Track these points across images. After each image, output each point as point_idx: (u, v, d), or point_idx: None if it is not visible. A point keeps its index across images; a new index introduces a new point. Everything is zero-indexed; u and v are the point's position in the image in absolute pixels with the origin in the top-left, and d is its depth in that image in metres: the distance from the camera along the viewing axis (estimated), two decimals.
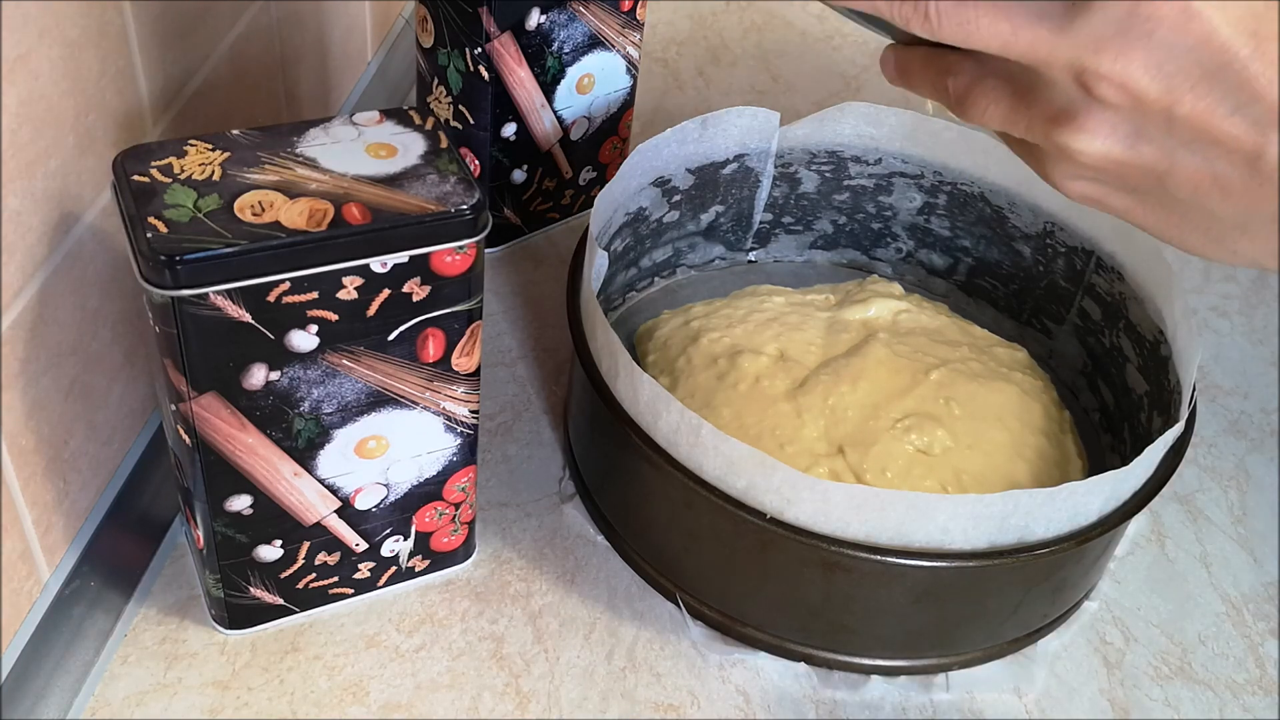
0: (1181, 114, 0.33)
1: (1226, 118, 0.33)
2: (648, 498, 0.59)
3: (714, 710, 0.57)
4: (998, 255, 0.75)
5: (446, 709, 0.56)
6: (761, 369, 0.64)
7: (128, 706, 0.54)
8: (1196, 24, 0.32)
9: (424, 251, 0.47)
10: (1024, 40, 0.34)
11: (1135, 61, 0.33)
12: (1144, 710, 0.59)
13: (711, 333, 0.67)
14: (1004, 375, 0.66)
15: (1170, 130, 0.34)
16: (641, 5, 0.76)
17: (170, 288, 0.43)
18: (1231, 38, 0.32)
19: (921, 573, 0.54)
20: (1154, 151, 0.35)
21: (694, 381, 0.64)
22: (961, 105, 0.38)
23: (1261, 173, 0.34)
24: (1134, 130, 0.34)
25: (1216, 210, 0.35)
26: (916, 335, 0.68)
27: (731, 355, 0.65)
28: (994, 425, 0.63)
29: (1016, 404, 0.65)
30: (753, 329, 0.67)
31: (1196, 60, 0.32)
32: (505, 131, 0.75)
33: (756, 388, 0.63)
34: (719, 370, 0.65)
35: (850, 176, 0.76)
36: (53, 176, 0.49)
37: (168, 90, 0.59)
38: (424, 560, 0.59)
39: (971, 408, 0.63)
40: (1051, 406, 0.67)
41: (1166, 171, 0.35)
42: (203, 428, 0.48)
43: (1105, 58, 0.33)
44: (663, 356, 0.68)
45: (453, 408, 0.53)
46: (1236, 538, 0.68)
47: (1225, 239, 0.36)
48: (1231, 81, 0.32)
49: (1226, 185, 0.34)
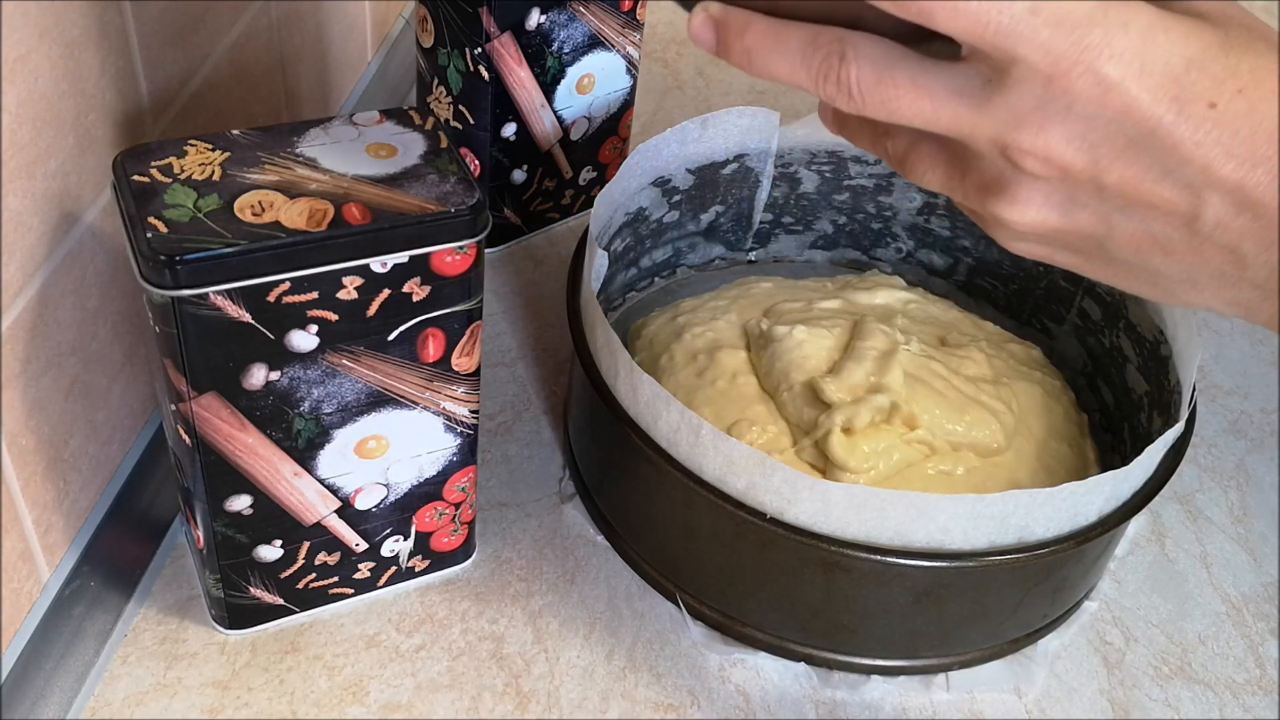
0: (1110, 182, 0.33)
1: (1157, 182, 0.33)
2: (648, 498, 0.59)
3: (714, 710, 0.57)
4: (998, 255, 0.75)
5: (446, 709, 0.56)
6: (739, 365, 0.64)
7: (128, 706, 0.54)
8: (1114, 95, 0.32)
9: (424, 251, 0.47)
10: (945, 117, 0.34)
11: (1056, 135, 0.33)
12: (1144, 710, 0.59)
13: (695, 328, 0.67)
14: (1025, 374, 0.66)
15: (1103, 197, 0.34)
16: (641, 5, 0.76)
17: (170, 288, 0.43)
18: (1152, 105, 0.32)
19: (921, 573, 0.54)
20: (1089, 217, 0.35)
21: (675, 380, 0.64)
22: (901, 168, 0.38)
23: (1200, 233, 0.34)
24: (1067, 198, 0.34)
25: (1161, 268, 0.35)
26: (930, 325, 0.68)
27: (711, 351, 0.65)
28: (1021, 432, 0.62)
29: (1040, 406, 0.64)
30: (736, 320, 0.67)
31: (1120, 129, 0.32)
32: (505, 131, 0.75)
33: (734, 384, 0.63)
34: (698, 367, 0.64)
35: (850, 176, 0.76)
36: (53, 176, 0.49)
37: (168, 90, 0.59)
38: (424, 560, 0.59)
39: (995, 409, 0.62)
40: (1072, 409, 0.66)
41: (1105, 235, 0.35)
42: (203, 428, 0.48)
43: (1025, 133, 0.33)
44: (648, 355, 0.67)
45: (453, 408, 0.53)
46: (1236, 538, 0.68)
47: (1175, 292, 0.36)
48: (1158, 148, 0.32)
49: (1167, 246, 0.35)
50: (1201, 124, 0.32)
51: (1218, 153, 0.32)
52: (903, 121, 0.35)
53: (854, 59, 0.34)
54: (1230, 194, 0.33)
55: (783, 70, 0.35)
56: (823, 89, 0.35)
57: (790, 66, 0.35)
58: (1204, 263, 0.35)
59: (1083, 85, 0.32)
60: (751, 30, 0.35)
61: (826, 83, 0.35)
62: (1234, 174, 0.32)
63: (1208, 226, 0.33)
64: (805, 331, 0.63)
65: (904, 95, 0.34)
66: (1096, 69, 0.31)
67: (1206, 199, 0.33)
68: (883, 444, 0.59)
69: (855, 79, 0.34)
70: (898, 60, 0.34)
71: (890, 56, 0.34)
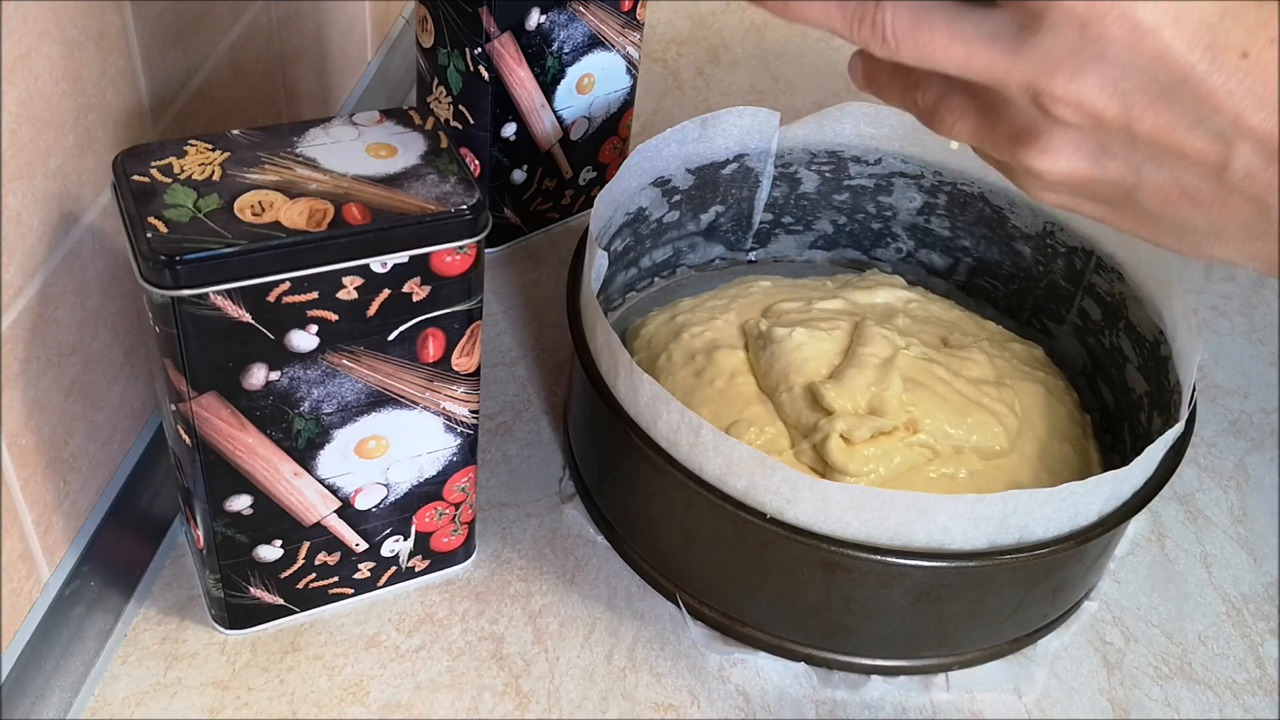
0: (1142, 130, 0.33)
1: (1188, 131, 0.33)
2: (648, 498, 0.59)
3: (714, 710, 0.57)
4: (998, 255, 0.75)
5: (446, 709, 0.56)
6: (737, 365, 0.64)
7: (128, 706, 0.54)
8: (1148, 41, 0.32)
9: (424, 251, 0.47)
10: (979, 63, 0.34)
11: (1090, 81, 0.33)
12: (1144, 710, 0.59)
13: (694, 327, 0.67)
14: (1028, 374, 0.66)
15: (1133, 146, 0.34)
16: (641, 5, 0.76)
17: (170, 288, 0.43)
18: (1186, 53, 0.32)
19: (921, 573, 0.54)
20: (1119, 167, 0.35)
21: (673, 380, 0.64)
22: (930, 120, 0.38)
23: (1228, 184, 0.34)
24: (1097, 147, 0.35)
25: (1188, 220, 0.35)
26: (931, 325, 0.68)
27: (709, 351, 0.65)
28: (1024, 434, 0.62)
29: (1044, 407, 0.64)
30: (734, 319, 0.67)
31: (1153, 77, 0.32)
32: (505, 131, 0.75)
33: (732, 384, 0.63)
34: (696, 367, 0.64)
35: (850, 176, 0.76)
36: (53, 176, 0.49)
37: (168, 90, 0.59)
38: (424, 560, 0.59)
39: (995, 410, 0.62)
40: (1075, 410, 0.66)
41: (1134, 185, 0.35)
42: (203, 428, 0.48)
43: (1059, 79, 0.33)
44: (646, 355, 0.67)
45: (453, 408, 0.53)
46: (1236, 538, 0.68)
47: (1201, 245, 0.37)
48: (1190, 96, 0.32)
49: (1195, 196, 0.35)
50: (1234, 73, 0.32)
51: (1249, 102, 0.32)
52: (936, 67, 0.34)
53: (889, 3, 0.34)
54: (1260, 144, 0.32)
55: (817, 14, 0.35)
56: (857, 33, 0.35)
57: (825, 11, 0.35)
58: (1231, 215, 0.34)
59: (1117, 31, 0.32)
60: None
61: (861, 27, 0.34)
62: (1264, 124, 0.32)
63: (1236, 177, 0.33)
64: (805, 334, 0.63)
65: (938, 40, 0.34)
66: (1131, 15, 0.31)
67: (1236, 149, 0.33)
68: (883, 448, 0.59)
69: (890, 23, 0.34)
70: (932, 6, 0.34)
71: (925, 2, 0.34)
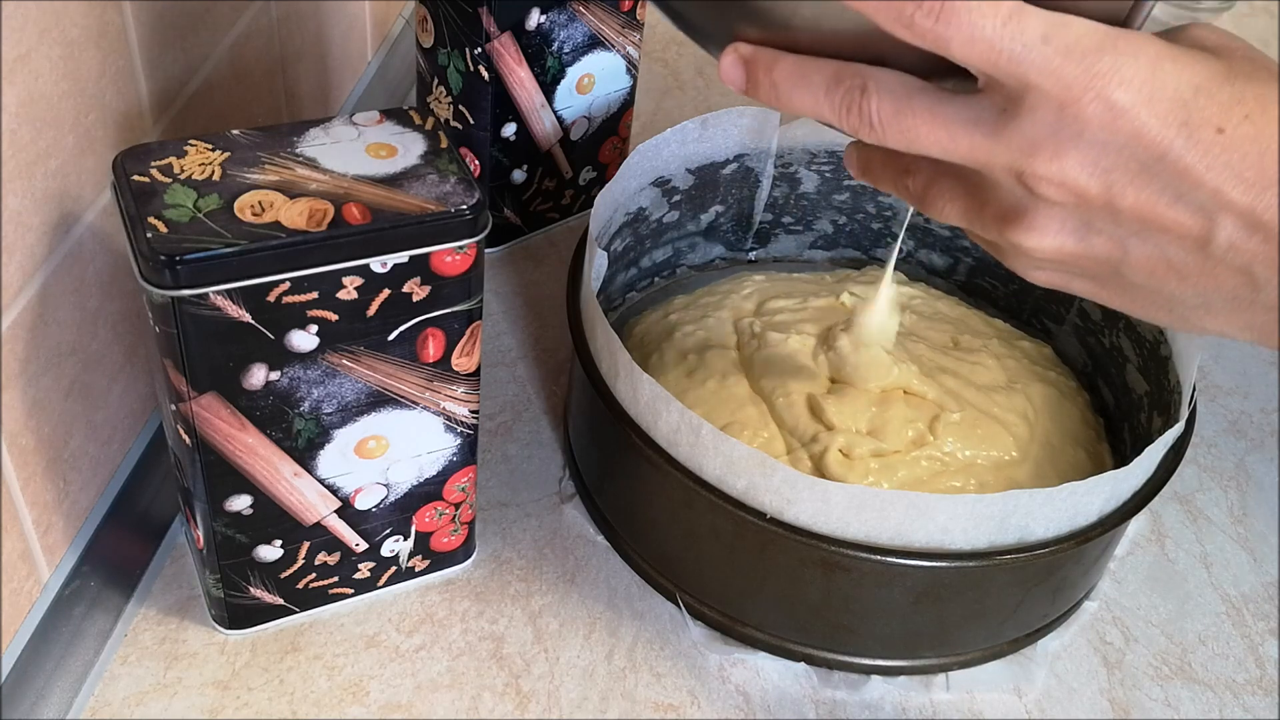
0: (1125, 206, 0.34)
1: (1170, 206, 0.34)
2: (648, 498, 0.59)
3: (714, 710, 0.57)
4: None
5: (446, 709, 0.56)
6: (729, 365, 0.64)
7: (128, 706, 0.54)
8: (1124, 121, 0.33)
9: (424, 251, 0.47)
10: (963, 146, 0.35)
11: (1071, 161, 0.34)
12: (1144, 710, 0.59)
13: (686, 326, 0.67)
14: (1039, 374, 0.66)
15: (1118, 221, 0.35)
16: (641, 5, 0.76)
17: (170, 288, 0.43)
18: (1161, 130, 0.33)
19: (921, 573, 0.54)
20: (1105, 242, 0.36)
21: (665, 380, 0.64)
22: (921, 203, 0.39)
23: (1213, 256, 0.34)
24: (1083, 224, 0.35)
25: (1176, 293, 0.36)
26: (939, 321, 0.68)
27: (700, 350, 0.65)
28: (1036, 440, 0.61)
29: (1055, 409, 0.64)
30: (727, 317, 0.67)
31: (1132, 155, 0.33)
32: (505, 131, 0.75)
33: (724, 385, 0.63)
34: (688, 366, 0.64)
35: (850, 176, 0.76)
36: (53, 176, 0.49)
37: (168, 90, 0.59)
38: (424, 560, 0.59)
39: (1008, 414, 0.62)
40: (1087, 411, 0.66)
41: (1121, 260, 0.36)
42: (203, 428, 0.48)
43: (1040, 160, 0.34)
44: (639, 354, 0.67)
45: (453, 408, 0.53)
46: (1236, 538, 0.68)
47: (1190, 317, 0.37)
48: (1169, 172, 0.33)
49: (1181, 270, 0.35)
50: (1210, 148, 0.33)
51: (1227, 176, 0.33)
52: (922, 151, 0.36)
53: (875, 91, 0.35)
54: (1241, 216, 0.33)
55: (808, 103, 0.37)
56: (845, 120, 0.36)
57: (815, 100, 0.36)
58: (1217, 286, 0.35)
59: (1094, 111, 0.33)
60: (779, 66, 0.37)
61: (849, 114, 0.36)
62: (1244, 197, 0.33)
63: (1220, 249, 0.34)
64: (800, 340, 0.63)
65: (922, 125, 0.35)
66: (1107, 95, 0.32)
67: (1219, 221, 0.34)
68: (885, 463, 0.59)
69: (876, 110, 0.35)
70: (916, 92, 0.35)
71: (909, 89, 0.35)
